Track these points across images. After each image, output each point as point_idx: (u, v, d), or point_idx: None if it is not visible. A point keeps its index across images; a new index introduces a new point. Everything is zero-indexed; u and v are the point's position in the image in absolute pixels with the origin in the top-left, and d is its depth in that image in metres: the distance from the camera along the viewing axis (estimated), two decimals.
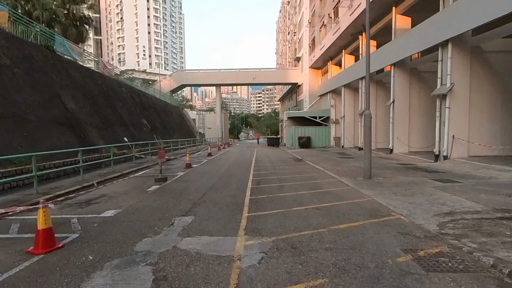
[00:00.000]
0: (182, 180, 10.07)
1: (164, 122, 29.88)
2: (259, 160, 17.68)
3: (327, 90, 32.48)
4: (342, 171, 11.62)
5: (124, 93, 23.03)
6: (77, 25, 27.45)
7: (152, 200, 7.25)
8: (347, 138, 27.58)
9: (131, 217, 5.80)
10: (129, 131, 20.00)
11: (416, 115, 17.99)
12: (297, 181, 9.69)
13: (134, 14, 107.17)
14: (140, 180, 10.41)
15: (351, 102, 27.57)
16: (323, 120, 32.69)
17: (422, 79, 18.02)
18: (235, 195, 7.61)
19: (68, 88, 15.20)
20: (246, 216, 5.66)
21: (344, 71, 27.36)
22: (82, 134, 14.05)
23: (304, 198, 7.18)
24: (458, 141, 12.67)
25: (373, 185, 8.44)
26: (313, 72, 37.73)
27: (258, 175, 11.13)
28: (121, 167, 13.61)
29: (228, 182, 9.63)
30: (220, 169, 12.99)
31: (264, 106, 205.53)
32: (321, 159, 17.43)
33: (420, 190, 7.56)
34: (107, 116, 17.93)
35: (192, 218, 5.61)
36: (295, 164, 15.15)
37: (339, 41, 26.14)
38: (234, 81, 44.69)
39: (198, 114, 59.29)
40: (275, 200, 7.01)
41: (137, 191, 8.44)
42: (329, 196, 7.38)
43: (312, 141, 31.42)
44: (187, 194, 7.77)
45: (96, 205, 6.86)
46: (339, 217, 5.57)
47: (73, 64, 17.50)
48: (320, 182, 9.36)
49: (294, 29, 48.49)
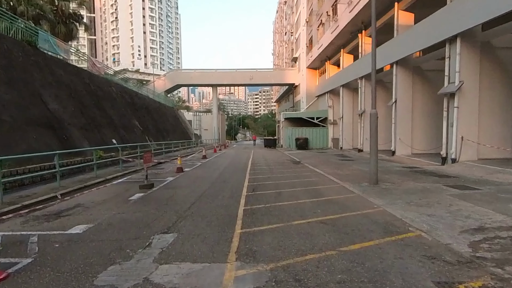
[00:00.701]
0: (170, 187, 9.15)
1: (157, 124, 28.89)
2: (256, 162, 16.80)
3: (324, 90, 31.73)
4: (344, 175, 10.78)
5: (114, 93, 22.05)
6: (67, 22, 26.42)
7: (132, 211, 6.33)
8: (345, 140, 26.81)
9: (102, 235, 4.88)
10: (119, 133, 19.02)
11: (419, 116, 17.23)
12: (297, 187, 8.82)
13: (129, 14, 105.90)
14: (124, 186, 9.48)
15: (349, 103, 26.82)
16: (320, 121, 31.92)
17: (426, 78, 17.28)
18: (227, 205, 6.71)
19: (51, 86, 14.22)
20: (238, 233, 4.77)
21: (343, 70, 26.61)
22: (65, 135, 13.07)
23: (305, 208, 6.31)
24: (467, 143, 11.89)
25: (381, 193, 7.59)
26: (311, 72, 36.98)
27: (254, 180, 10.25)
28: (106, 171, 12.65)
29: (221, 189, 8.73)
30: (214, 174, 12.08)
31: (261, 107, 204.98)
32: (320, 161, 16.59)
33: (436, 198, 6.73)
34: (95, 117, 16.94)
35: (174, 237, 4.70)
36: (293, 167, 14.29)
37: (338, 39, 25.40)
38: (230, 81, 43.85)
39: (195, 115, 58.34)
40: (273, 211, 6.13)
41: (117, 200, 7.51)
42: (333, 205, 6.51)
43: (310, 142, 30.63)
44: (173, 204, 6.86)
45: (66, 218, 5.92)
46: (349, 233, 4.70)
47: (58, 61, 16.52)
48: (321, 189, 8.50)
49: (291, 29, 47.78)
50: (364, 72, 21.43)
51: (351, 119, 26.57)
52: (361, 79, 22.22)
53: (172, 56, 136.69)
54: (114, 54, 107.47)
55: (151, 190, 8.64)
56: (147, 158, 8.81)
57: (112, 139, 17.43)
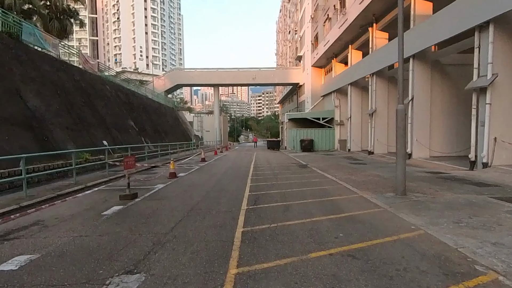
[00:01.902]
0: (157, 197, 7.71)
1: (155, 124, 27.55)
2: (259, 166, 15.34)
3: (331, 89, 30.25)
4: (361, 182, 9.30)
5: (109, 92, 20.73)
6: (61, 18, 25.23)
7: (99, 233, 4.90)
8: (353, 141, 25.28)
9: (42, 274, 3.46)
10: (111, 134, 17.67)
11: (438, 115, 15.71)
12: (307, 197, 7.35)
13: (131, 14, 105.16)
14: (103, 196, 8.06)
15: (358, 102, 25.32)
16: (327, 122, 30.41)
17: (446, 73, 15.77)
18: (222, 224, 5.26)
19: (34, 82, 12.90)
20: (233, 276, 3.32)
21: (351, 67, 25.11)
22: (45, 136, 11.71)
23: (322, 229, 4.85)
24: (502, 144, 10.35)
25: (414, 207, 6.11)
26: (316, 71, 35.51)
27: (257, 188, 8.79)
28: (91, 176, 11.26)
29: (217, 200, 7.29)
30: (211, 180, 10.63)
31: (264, 109, 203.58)
32: (329, 165, 15.11)
33: (492, 217, 5.23)
34: (84, 116, 15.60)
35: (140, 281, 3.27)
36: (301, 171, 12.82)
37: (346, 35, 23.92)
38: (232, 81, 42.42)
39: (196, 117, 57.03)
40: (281, 234, 4.67)
41: (87, 215, 6.09)
42: (358, 226, 5.04)
43: (315, 144, 29.12)
44: (154, 223, 5.43)
45: (10, 244, 4.52)
46: (393, 278, 3.23)
47: (44, 56, 15.22)
48: (338, 200, 7.03)
49: (295, 27, 46.36)
50: (375, 68, 19.94)
51: (360, 119, 25.07)
52: (371, 76, 20.72)
53: (174, 57, 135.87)
54: (116, 54, 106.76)
55: (133, 201, 7.22)
56: (129, 163, 7.39)
57: (103, 141, 16.08)
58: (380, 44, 20.15)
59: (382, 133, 20.57)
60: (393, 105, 20.79)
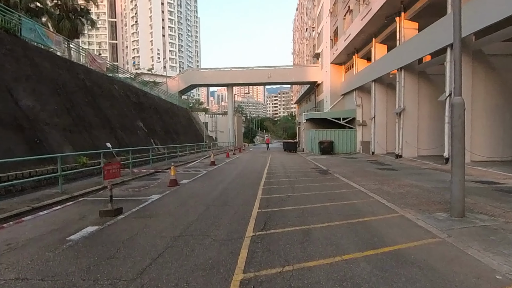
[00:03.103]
0: (144, 214, 6.30)
1: (166, 125, 26.54)
2: (273, 171, 13.77)
3: (352, 87, 28.21)
4: (397, 195, 7.55)
5: (116, 91, 19.81)
6: (72, 18, 24.71)
7: (42, 275, 3.51)
8: (378, 143, 23.17)
9: None
10: (117, 135, 16.64)
11: (481, 112, 13.57)
12: (333, 217, 5.72)
13: (149, 17, 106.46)
14: (84, 210, 6.75)
15: (383, 100, 23.20)
16: (347, 122, 28.36)
17: (489, 65, 13.60)
18: (214, 264, 3.74)
19: (29, 80, 11.95)
20: None
21: (375, 63, 23.05)
22: (37, 138, 10.66)
23: (361, 281, 3.23)
24: None
25: (485, 237, 4.37)
26: (335, 68, 33.48)
27: (268, 202, 7.23)
28: (84, 183, 10.09)
29: (216, 220, 5.79)
30: (216, 189, 9.16)
31: (280, 109, 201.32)
32: (353, 170, 13.32)
33: None
34: (86, 117, 14.61)
35: None
36: (321, 179, 11.13)
37: (369, 27, 21.91)
38: (247, 80, 41.00)
39: (211, 117, 56.17)
40: (299, 284, 3.10)
41: (49, 240, 4.75)
42: (413, 272, 3.38)
43: (335, 146, 27.16)
44: (123, 259, 3.98)
45: None
46: None
47: (45, 53, 14.34)
48: (373, 222, 5.36)
49: (313, 24, 44.44)
50: (404, 62, 17.90)
51: (385, 119, 22.94)
52: (399, 71, 18.67)
53: (191, 59, 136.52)
54: (134, 57, 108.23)
55: (114, 219, 5.85)
56: (111, 171, 6.03)
57: (106, 143, 15.01)
58: (409, 35, 18.08)
59: (412, 134, 18.47)
60: (424, 103, 18.67)
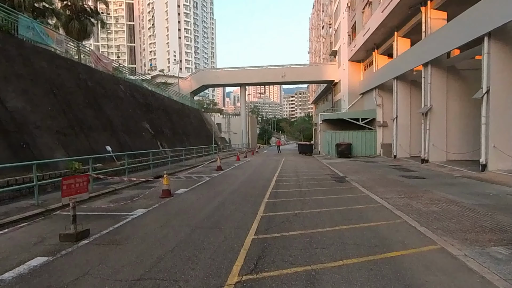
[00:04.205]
0: (113, 239, 5.07)
1: (175, 127, 25.70)
2: (283, 179, 12.39)
3: (371, 86, 26.34)
4: (431, 215, 6.02)
5: (122, 92, 19.07)
6: (81, 18, 24.36)
7: None
8: (400, 146, 21.27)
9: None
10: (119, 138, 15.80)
11: None
12: (349, 251, 4.32)
13: (165, 20, 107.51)
14: (46, 231, 5.65)
15: (406, 99, 21.31)
16: (367, 123, 26.49)
17: None
18: None
19: (20, 80, 11.21)
20: None
21: (397, 58, 21.16)
22: (23, 142, 9.84)
23: None
24: None
25: None
26: (353, 66, 31.60)
27: (269, 224, 5.90)
28: None
29: (196, 253, 4.52)
30: (211, 203, 7.87)
31: (297, 110, 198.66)
32: (374, 178, 11.74)
33: None
34: (85, 119, 13.81)
35: None
36: (337, 190, 9.66)
37: (390, 19, 20.09)
38: (261, 80, 39.69)
39: (225, 118, 55.33)
40: None
41: None
42: None
43: (354, 148, 25.39)
44: None
45: None
46: None
47: (43, 52, 13.65)
48: (405, 261, 3.93)
49: (329, 21, 42.59)
50: (431, 56, 16.06)
51: (408, 120, 21.04)
52: (425, 66, 16.82)
53: (207, 60, 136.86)
54: (151, 59, 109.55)
55: (74, 246, 4.72)
56: (73, 186, 4.92)
57: (106, 146, 14.19)
58: (437, 26, 16.21)
59: (440, 136, 16.56)
60: (454, 101, 16.74)
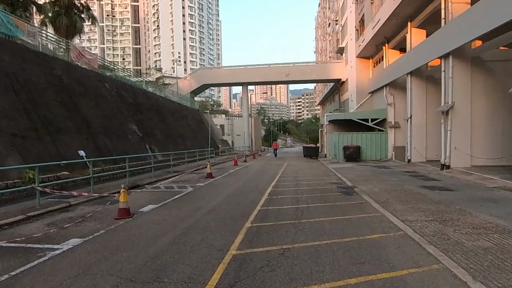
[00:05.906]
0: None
1: (169, 128, 23.99)
2: (279, 190, 10.44)
3: (382, 83, 24.19)
4: (483, 256, 4.00)
5: (107, 90, 17.43)
6: (70, 14, 22.91)
7: None
8: (415, 149, 19.11)
9: None
10: (97, 141, 14.10)
11: None
12: None
13: (170, 22, 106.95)
14: None
15: (421, 97, 19.17)
16: (377, 124, 24.34)
17: None
18: None
19: None
20: None
21: (411, 51, 19.05)
22: None
23: None
24: None
25: None
26: (362, 62, 29.51)
27: (240, 271, 3.99)
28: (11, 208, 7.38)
29: None
30: (173, 230, 5.88)
31: (304, 111, 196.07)
32: (388, 189, 9.70)
33: None
34: (53, 119, 12.14)
35: None
36: (344, 205, 7.68)
37: (403, 7, 18.00)
38: (263, 78, 37.84)
39: (227, 119, 53.67)
40: None
41: None
42: None
43: (363, 151, 23.24)
44: None
45: None
46: None
47: (6, 44, 12.04)
48: None
49: (336, 17, 40.59)
50: (451, 47, 13.95)
51: (424, 120, 18.90)
52: (445, 58, 14.72)
53: (212, 61, 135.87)
54: (156, 61, 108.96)
55: None
56: None
57: (79, 150, 12.48)
58: (458, 12, 14.10)
59: (463, 138, 14.41)
60: (479, 98, 14.57)
